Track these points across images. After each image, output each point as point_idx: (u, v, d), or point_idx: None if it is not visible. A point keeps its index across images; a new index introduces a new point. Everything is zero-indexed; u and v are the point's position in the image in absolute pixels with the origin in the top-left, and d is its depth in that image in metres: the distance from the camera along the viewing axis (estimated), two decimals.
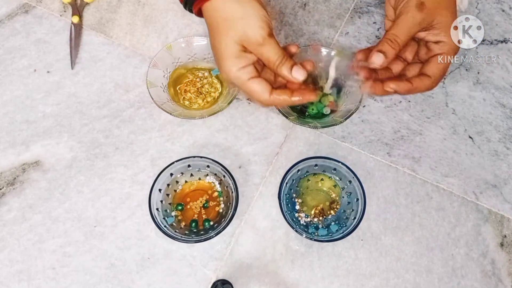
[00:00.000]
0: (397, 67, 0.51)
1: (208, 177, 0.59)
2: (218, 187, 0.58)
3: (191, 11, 0.51)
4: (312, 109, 0.62)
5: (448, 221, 0.58)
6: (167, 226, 0.54)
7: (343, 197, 0.58)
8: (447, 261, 0.56)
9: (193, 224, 0.56)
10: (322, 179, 0.59)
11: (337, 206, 0.57)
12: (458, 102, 0.65)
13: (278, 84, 0.49)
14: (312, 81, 0.52)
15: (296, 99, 0.46)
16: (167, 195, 0.57)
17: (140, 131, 0.62)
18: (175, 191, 0.58)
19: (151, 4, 0.70)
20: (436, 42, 0.48)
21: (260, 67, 0.48)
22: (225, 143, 0.61)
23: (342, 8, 0.71)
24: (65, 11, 0.70)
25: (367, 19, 0.70)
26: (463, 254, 0.56)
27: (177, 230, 0.54)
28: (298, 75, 0.45)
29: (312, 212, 0.57)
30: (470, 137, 0.63)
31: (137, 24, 0.69)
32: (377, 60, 0.46)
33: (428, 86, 0.48)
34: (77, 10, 0.68)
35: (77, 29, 0.67)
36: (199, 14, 0.50)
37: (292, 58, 0.47)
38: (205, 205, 0.57)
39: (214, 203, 0.57)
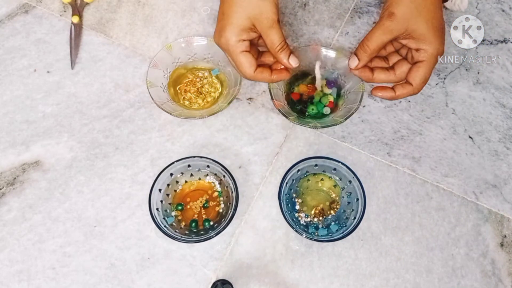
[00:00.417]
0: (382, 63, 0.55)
1: (208, 177, 0.59)
2: (218, 187, 0.58)
3: None
4: (312, 109, 0.62)
5: (448, 221, 0.58)
6: (167, 226, 0.54)
7: (343, 197, 0.58)
8: (447, 261, 0.56)
9: (193, 224, 0.56)
10: (322, 179, 0.59)
11: (337, 206, 0.57)
12: (458, 102, 0.65)
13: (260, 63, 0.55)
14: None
15: (275, 77, 0.53)
16: (167, 195, 0.57)
17: (140, 131, 0.62)
18: (175, 191, 0.58)
19: (151, 4, 0.70)
20: (417, 50, 0.50)
21: (255, 53, 0.54)
22: (225, 143, 0.61)
23: (342, 8, 0.71)
24: (65, 11, 0.70)
25: (367, 19, 0.70)
26: (463, 254, 0.56)
27: (177, 230, 0.54)
28: (294, 62, 0.52)
29: (312, 212, 0.57)
30: (470, 137, 0.63)
31: (137, 24, 0.69)
32: (352, 63, 0.53)
33: (410, 92, 0.52)
34: (77, 10, 0.68)
35: (77, 29, 0.67)
36: None
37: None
38: (205, 205, 0.57)
39: (214, 203, 0.57)
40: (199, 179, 0.59)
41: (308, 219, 0.57)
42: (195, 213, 0.57)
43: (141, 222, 0.57)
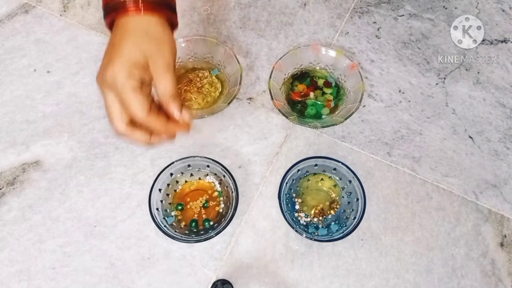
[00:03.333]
0: None
1: (208, 177, 0.59)
2: (218, 187, 0.58)
3: (106, 14, 0.46)
4: (312, 109, 0.62)
5: (448, 221, 0.58)
6: (167, 226, 0.54)
7: (343, 197, 0.58)
8: (447, 261, 0.56)
9: (193, 224, 0.56)
10: (322, 179, 0.59)
11: (337, 206, 0.57)
12: (458, 102, 0.65)
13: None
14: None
15: (171, 126, 0.44)
16: (167, 195, 0.57)
17: None
18: (175, 191, 0.58)
19: None
20: None
21: (147, 94, 0.44)
22: (225, 143, 0.61)
23: (342, 8, 0.71)
24: (65, 11, 0.70)
25: (367, 19, 0.70)
26: (463, 254, 0.56)
27: (177, 230, 0.54)
28: (187, 116, 0.44)
29: (312, 212, 0.57)
30: (470, 137, 0.63)
31: None
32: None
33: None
34: None
35: None
36: (110, 25, 0.46)
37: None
38: (205, 205, 0.57)
39: (214, 203, 0.57)
40: (199, 179, 0.59)
41: (308, 219, 0.57)
42: (195, 213, 0.57)
43: (141, 222, 0.57)
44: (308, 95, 0.63)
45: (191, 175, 0.58)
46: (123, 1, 0.43)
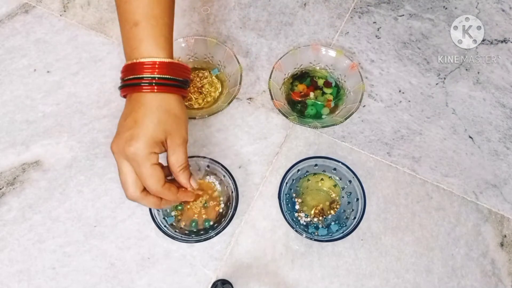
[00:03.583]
0: None
1: (208, 177, 0.59)
2: (218, 187, 0.58)
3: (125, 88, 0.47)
4: (312, 109, 0.62)
5: (448, 221, 0.58)
6: (167, 226, 0.54)
7: (343, 197, 0.58)
8: (447, 261, 0.56)
9: (193, 224, 0.56)
10: (322, 179, 0.59)
11: (337, 206, 0.57)
12: (458, 102, 0.65)
13: None
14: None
15: (181, 195, 0.48)
16: None
17: None
18: None
19: None
20: None
21: (162, 167, 0.48)
22: (225, 143, 0.61)
23: (342, 8, 0.71)
24: (65, 11, 0.70)
25: (367, 19, 0.70)
26: (463, 254, 0.56)
27: (177, 230, 0.54)
28: (194, 183, 0.49)
29: (312, 212, 0.57)
30: (470, 137, 0.63)
31: None
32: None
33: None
34: None
35: None
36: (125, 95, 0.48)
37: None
38: (205, 205, 0.57)
39: (214, 203, 0.57)
40: (199, 179, 0.59)
41: (308, 219, 0.57)
42: (195, 213, 0.57)
43: (141, 222, 0.57)
44: (308, 95, 0.63)
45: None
46: (139, 80, 0.45)
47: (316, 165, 0.58)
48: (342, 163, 0.56)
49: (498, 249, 0.57)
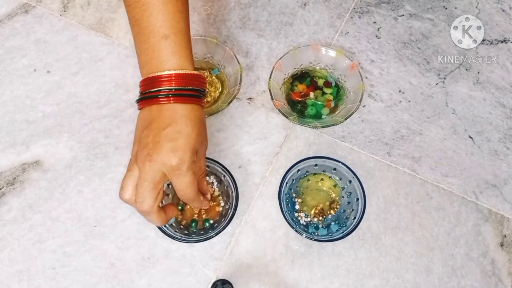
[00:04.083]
0: None
1: (208, 177, 0.59)
2: (218, 187, 0.58)
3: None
4: (312, 109, 0.62)
5: (448, 221, 0.58)
6: (167, 226, 0.54)
7: (343, 197, 0.58)
8: (447, 261, 0.56)
9: (193, 224, 0.56)
10: (322, 179, 0.59)
11: (337, 206, 0.57)
12: (458, 102, 0.65)
13: None
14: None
15: (205, 202, 0.51)
16: (167, 195, 0.57)
17: None
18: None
19: None
20: None
21: None
22: (225, 143, 0.61)
23: (342, 8, 0.71)
24: (65, 11, 0.70)
25: (367, 19, 0.70)
26: (463, 254, 0.56)
27: (177, 230, 0.54)
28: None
29: (312, 212, 0.57)
30: (470, 137, 0.63)
31: None
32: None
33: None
34: None
35: None
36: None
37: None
38: None
39: (214, 203, 0.57)
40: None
41: (308, 219, 0.57)
42: (195, 213, 0.57)
43: (141, 222, 0.57)
44: (308, 95, 0.63)
45: None
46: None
47: (316, 165, 0.58)
48: (342, 163, 0.56)
49: (498, 249, 0.57)
